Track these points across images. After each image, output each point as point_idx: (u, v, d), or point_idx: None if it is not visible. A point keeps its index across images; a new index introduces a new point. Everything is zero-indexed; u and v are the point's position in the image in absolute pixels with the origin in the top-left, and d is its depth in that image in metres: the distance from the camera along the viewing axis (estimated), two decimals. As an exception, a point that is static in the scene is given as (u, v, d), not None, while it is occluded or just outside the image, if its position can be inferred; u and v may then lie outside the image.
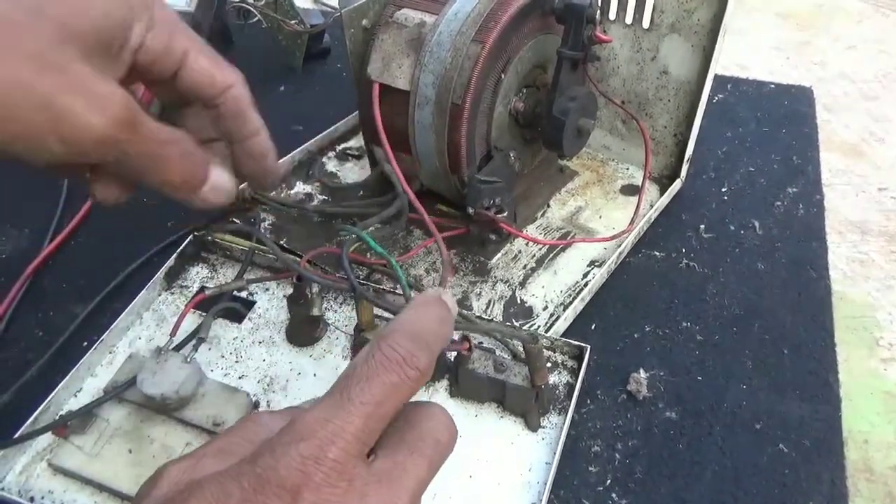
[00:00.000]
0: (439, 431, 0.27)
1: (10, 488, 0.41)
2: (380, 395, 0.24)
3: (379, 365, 0.25)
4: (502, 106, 0.54)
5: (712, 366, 0.50)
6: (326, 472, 0.22)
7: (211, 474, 0.23)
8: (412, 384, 0.25)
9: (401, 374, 0.25)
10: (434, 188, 0.58)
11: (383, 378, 0.24)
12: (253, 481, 0.22)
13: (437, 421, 0.27)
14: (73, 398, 0.46)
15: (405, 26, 0.52)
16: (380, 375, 0.24)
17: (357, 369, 0.25)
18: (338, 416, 0.23)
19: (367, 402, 0.24)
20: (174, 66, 0.29)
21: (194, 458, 0.25)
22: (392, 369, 0.25)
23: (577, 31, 0.50)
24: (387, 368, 0.25)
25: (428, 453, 0.26)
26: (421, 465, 0.25)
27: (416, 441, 0.26)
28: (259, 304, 0.53)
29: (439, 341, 0.27)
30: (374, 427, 0.24)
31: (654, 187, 0.66)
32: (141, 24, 0.27)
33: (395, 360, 0.25)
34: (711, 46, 0.57)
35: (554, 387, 0.47)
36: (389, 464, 0.25)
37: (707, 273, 0.57)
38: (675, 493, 0.42)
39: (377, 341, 0.25)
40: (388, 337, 0.26)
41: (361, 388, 0.24)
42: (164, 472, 0.24)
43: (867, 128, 0.78)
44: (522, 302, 0.54)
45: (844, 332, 0.53)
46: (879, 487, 0.43)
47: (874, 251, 0.61)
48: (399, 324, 0.27)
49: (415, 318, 0.27)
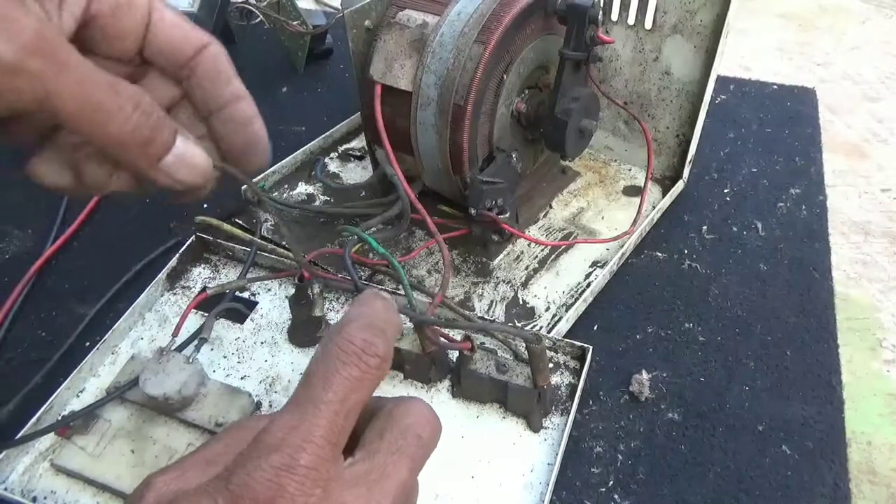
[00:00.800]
0: (420, 427, 0.26)
1: (13, 488, 0.41)
2: (342, 391, 0.23)
3: (336, 360, 0.24)
4: (505, 107, 0.54)
5: (715, 367, 0.50)
6: (300, 481, 0.22)
7: (189, 490, 0.23)
8: (374, 372, 0.24)
9: (360, 364, 0.24)
10: (436, 189, 0.58)
11: (343, 373, 0.24)
12: (227, 498, 0.21)
13: (417, 416, 0.26)
14: (76, 398, 0.46)
15: (407, 27, 0.52)
16: (339, 371, 0.24)
17: (315, 369, 0.24)
18: (304, 421, 0.23)
19: (330, 400, 0.23)
20: (138, 21, 0.25)
21: (179, 470, 0.24)
22: (350, 362, 0.24)
23: (580, 31, 0.50)
24: (345, 362, 0.24)
25: (409, 451, 0.25)
26: (402, 465, 0.25)
27: (396, 440, 0.25)
28: (261, 304, 0.53)
29: (392, 327, 0.26)
30: (342, 425, 0.23)
31: (657, 188, 0.66)
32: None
33: (353, 351, 0.24)
34: (714, 47, 0.57)
35: (556, 387, 0.46)
36: (368, 466, 0.24)
37: (709, 274, 0.57)
38: (677, 494, 0.42)
39: (330, 337, 0.25)
40: (340, 331, 0.25)
41: (323, 388, 0.23)
42: (151, 483, 0.24)
43: (870, 129, 0.77)
44: (524, 303, 0.54)
45: (847, 334, 0.53)
46: (882, 490, 0.43)
47: (877, 252, 0.61)
48: (348, 317, 0.26)
49: (363, 310, 0.26)
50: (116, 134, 0.23)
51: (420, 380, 0.47)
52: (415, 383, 0.47)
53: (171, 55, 0.27)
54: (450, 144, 0.52)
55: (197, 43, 0.27)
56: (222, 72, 0.27)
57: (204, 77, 0.27)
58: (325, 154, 0.71)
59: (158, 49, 0.27)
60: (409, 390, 0.46)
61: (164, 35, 0.26)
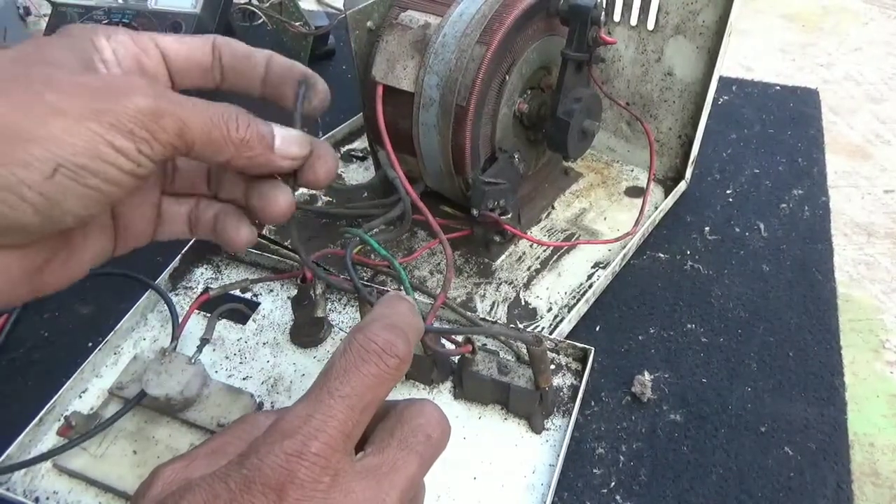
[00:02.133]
0: (431, 427, 0.27)
1: (16, 488, 0.41)
2: (360, 386, 0.24)
3: (357, 357, 0.25)
4: (507, 107, 0.54)
5: (717, 368, 0.50)
6: (309, 467, 0.22)
7: (202, 476, 0.23)
8: (393, 372, 0.25)
9: (380, 363, 0.25)
10: (438, 189, 0.58)
11: (362, 370, 0.24)
12: (240, 482, 0.22)
13: (428, 417, 0.27)
14: (79, 399, 0.46)
15: (410, 28, 0.52)
16: (359, 367, 0.24)
17: (336, 364, 0.25)
18: (319, 411, 0.23)
19: (347, 394, 0.24)
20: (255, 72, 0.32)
21: (187, 460, 0.25)
22: (370, 360, 0.25)
23: (582, 32, 0.50)
24: (365, 360, 0.25)
25: (419, 449, 0.26)
26: (411, 462, 0.25)
27: (406, 437, 0.26)
28: (263, 305, 0.53)
29: (413, 330, 0.27)
30: (357, 420, 0.24)
31: (659, 189, 0.66)
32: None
33: (373, 350, 0.25)
34: (716, 48, 0.57)
35: (558, 389, 0.46)
36: (378, 460, 0.25)
37: (712, 275, 0.57)
38: (679, 495, 0.42)
39: (353, 334, 0.25)
40: (364, 329, 0.25)
41: (341, 382, 0.24)
42: (159, 473, 0.24)
43: (873, 130, 0.77)
44: (526, 304, 0.54)
45: (850, 335, 0.53)
46: (885, 491, 0.43)
47: (880, 253, 0.61)
48: (373, 316, 0.27)
49: (388, 311, 0.27)
50: (238, 137, 0.27)
51: (422, 381, 0.47)
52: (417, 384, 0.47)
53: (275, 75, 0.33)
54: (452, 145, 0.52)
55: (262, 56, 0.32)
56: (289, 62, 0.33)
57: (277, 71, 0.32)
58: (328, 155, 0.71)
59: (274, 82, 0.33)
60: (412, 391, 0.46)
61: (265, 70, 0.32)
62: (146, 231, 0.32)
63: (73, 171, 0.23)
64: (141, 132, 0.24)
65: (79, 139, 0.23)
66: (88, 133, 0.23)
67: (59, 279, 0.28)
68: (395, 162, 0.52)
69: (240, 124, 0.28)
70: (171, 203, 0.33)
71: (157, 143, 0.25)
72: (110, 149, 0.24)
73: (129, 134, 0.24)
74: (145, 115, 0.24)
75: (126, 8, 0.77)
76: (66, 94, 0.24)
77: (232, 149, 0.27)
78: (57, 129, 0.23)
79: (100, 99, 0.24)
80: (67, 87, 0.24)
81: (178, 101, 0.26)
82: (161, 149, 0.25)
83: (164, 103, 0.25)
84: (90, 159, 0.24)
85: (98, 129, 0.24)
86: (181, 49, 0.31)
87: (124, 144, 0.24)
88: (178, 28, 0.75)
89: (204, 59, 0.31)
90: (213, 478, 0.23)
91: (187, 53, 0.31)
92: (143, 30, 0.76)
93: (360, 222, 0.54)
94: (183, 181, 0.33)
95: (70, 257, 0.29)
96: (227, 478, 0.22)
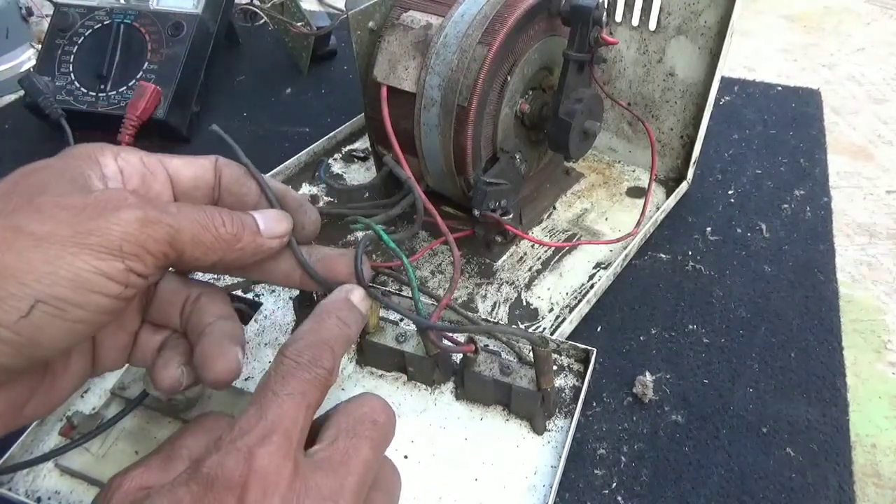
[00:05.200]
0: (376, 413, 0.28)
1: (18, 488, 0.41)
2: (300, 387, 0.25)
3: (290, 367, 0.26)
4: (508, 108, 0.54)
5: (719, 369, 0.50)
6: (270, 458, 0.23)
7: (161, 485, 0.23)
8: (323, 380, 0.26)
9: (311, 370, 0.26)
10: (440, 190, 0.58)
11: (297, 375, 0.26)
12: (202, 483, 0.22)
13: (371, 405, 0.28)
14: (81, 399, 0.46)
15: (411, 28, 0.52)
16: (294, 373, 0.26)
17: (272, 375, 0.26)
18: (270, 410, 0.24)
19: (291, 392, 0.25)
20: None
21: (142, 467, 0.25)
22: (302, 369, 0.26)
23: (584, 33, 0.50)
24: (296, 370, 0.26)
25: (367, 434, 0.27)
26: (362, 447, 0.26)
27: (353, 427, 0.27)
28: (265, 305, 0.53)
29: (341, 342, 0.29)
30: (305, 415, 0.25)
31: (661, 189, 0.66)
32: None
33: (303, 363, 0.26)
34: (718, 48, 0.57)
35: (560, 390, 0.46)
36: (329, 452, 0.26)
37: (713, 276, 0.57)
38: (680, 496, 0.42)
39: (279, 354, 0.27)
40: (288, 348, 0.27)
41: (282, 385, 0.25)
42: (114, 484, 0.24)
43: (875, 130, 0.77)
44: (528, 304, 0.54)
45: (852, 336, 0.53)
46: (888, 493, 0.43)
47: (882, 254, 0.61)
48: (298, 335, 0.28)
49: (314, 327, 0.29)
50: (227, 233, 0.28)
51: (424, 382, 0.47)
52: (419, 385, 0.47)
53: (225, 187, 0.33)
54: (453, 146, 0.52)
55: (210, 165, 0.33)
56: (241, 173, 0.34)
57: (231, 178, 0.33)
58: (329, 155, 0.71)
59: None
60: (413, 392, 0.46)
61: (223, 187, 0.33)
62: (121, 358, 0.32)
63: (54, 304, 0.23)
64: (131, 248, 0.24)
65: (62, 268, 0.22)
66: (71, 260, 0.23)
67: (40, 410, 0.28)
68: (404, 163, 0.52)
69: (225, 220, 0.29)
70: (148, 333, 0.32)
71: (149, 255, 0.25)
72: (97, 275, 0.23)
73: (117, 251, 0.24)
74: (134, 227, 0.24)
75: (128, 8, 0.77)
76: (50, 219, 0.23)
77: (224, 245, 0.28)
78: (37, 260, 0.22)
79: (86, 219, 0.23)
80: (51, 212, 0.23)
81: (165, 208, 0.26)
82: (153, 261, 0.25)
83: (153, 212, 0.25)
84: (73, 290, 0.23)
85: (82, 254, 0.23)
86: (188, 170, 0.31)
87: (112, 267, 0.24)
88: (180, 28, 0.75)
89: (208, 180, 0.32)
90: (174, 484, 0.23)
91: (193, 174, 0.31)
92: (146, 30, 0.77)
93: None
94: (159, 312, 0.32)
95: (52, 387, 0.28)
96: (188, 481, 0.22)
